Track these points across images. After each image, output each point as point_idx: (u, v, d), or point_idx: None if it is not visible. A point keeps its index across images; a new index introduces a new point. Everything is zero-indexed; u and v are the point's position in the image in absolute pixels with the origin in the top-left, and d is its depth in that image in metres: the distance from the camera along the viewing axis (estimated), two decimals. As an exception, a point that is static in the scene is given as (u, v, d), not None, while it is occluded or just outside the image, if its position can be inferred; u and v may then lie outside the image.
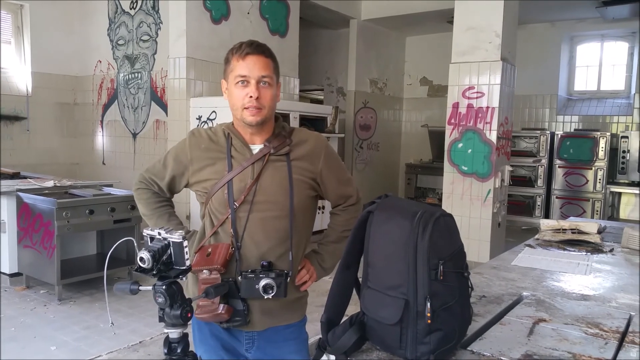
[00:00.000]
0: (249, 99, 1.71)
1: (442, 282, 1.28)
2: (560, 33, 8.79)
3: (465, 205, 5.79)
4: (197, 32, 6.02)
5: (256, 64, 1.72)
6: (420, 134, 10.18)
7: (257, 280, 1.64)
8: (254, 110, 1.72)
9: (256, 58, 1.72)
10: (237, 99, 1.74)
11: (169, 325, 1.41)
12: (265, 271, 1.66)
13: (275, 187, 1.75)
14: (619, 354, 1.43)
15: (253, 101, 1.71)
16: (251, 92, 1.71)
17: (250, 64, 1.71)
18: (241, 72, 1.72)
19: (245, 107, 1.72)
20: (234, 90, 1.74)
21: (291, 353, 1.84)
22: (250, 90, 1.71)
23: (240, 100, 1.73)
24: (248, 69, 1.71)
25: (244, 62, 1.72)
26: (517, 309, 1.79)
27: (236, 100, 1.74)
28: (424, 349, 1.28)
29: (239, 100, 1.73)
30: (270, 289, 1.63)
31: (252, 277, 1.65)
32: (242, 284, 1.67)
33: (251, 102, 1.71)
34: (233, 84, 1.74)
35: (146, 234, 1.40)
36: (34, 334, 3.95)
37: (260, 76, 1.72)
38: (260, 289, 1.63)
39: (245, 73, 1.71)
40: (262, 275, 1.65)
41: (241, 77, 1.72)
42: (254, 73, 1.71)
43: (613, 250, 2.81)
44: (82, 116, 7.84)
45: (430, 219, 1.30)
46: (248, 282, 1.66)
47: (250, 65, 1.71)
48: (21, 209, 4.84)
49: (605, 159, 7.72)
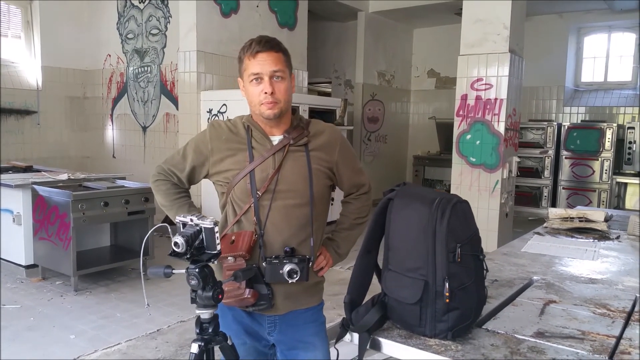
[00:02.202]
0: (264, 95, 1.78)
1: (460, 264, 1.36)
2: (568, 25, 8.80)
3: (474, 196, 5.85)
4: (207, 26, 6.09)
5: (267, 60, 1.78)
6: (427, 126, 10.22)
7: (281, 266, 1.72)
8: (270, 105, 1.79)
9: (267, 55, 1.78)
10: (253, 96, 1.82)
11: (201, 307, 1.49)
12: (288, 257, 1.73)
13: (295, 176, 1.83)
14: (625, 331, 1.51)
15: (268, 97, 1.78)
16: (265, 89, 1.78)
17: (262, 61, 1.78)
18: (254, 70, 1.79)
19: (261, 103, 1.80)
20: (250, 88, 1.82)
21: (311, 335, 1.91)
22: (265, 86, 1.78)
23: (257, 97, 1.81)
24: (260, 67, 1.78)
25: (255, 60, 1.79)
26: (528, 291, 1.86)
27: (253, 98, 1.82)
28: (442, 327, 1.36)
29: (255, 97, 1.81)
30: (294, 274, 1.71)
31: (276, 262, 1.73)
32: (266, 269, 1.75)
33: (267, 97, 1.78)
34: (248, 82, 1.82)
35: (179, 220, 1.48)
36: (52, 323, 4.05)
37: (272, 71, 1.79)
38: (285, 274, 1.71)
39: (258, 70, 1.79)
40: (286, 261, 1.72)
41: (254, 75, 1.80)
42: (265, 69, 1.78)
43: (619, 237, 2.88)
44: (92, 110, 7.92)
45: (447, 205, 1.38)
46: (272, 268, 1.73)
47: (261, 63, 1.78)
48: (36, 201, 4.93)
49: (611, 150, 7.75)
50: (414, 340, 1.39)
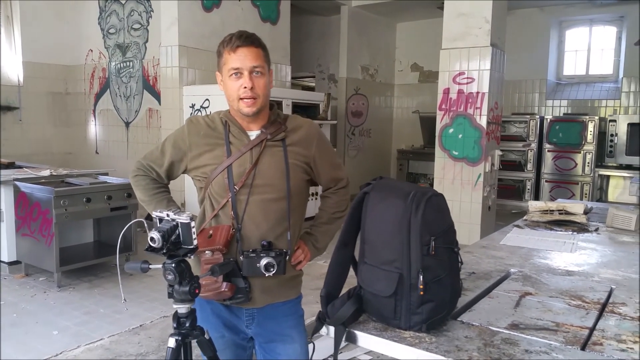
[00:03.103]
0: (244, 90, 1.79)
1: (434, 257, 1.37)
2: (550, 18, 8.86)
3: (456, 190, 5.90)
4: (188, 21, 6.04)
5: (247, 56, 1.78)
6: (411, 120, 10.25)
7: (258, 259, 1.73)
8: (250, 102, 1.80)
9: (247, 50, 1.79)
10: (232, 91, 1.82)
11: (178, 301, 1.50)
12: (265, 250, 1.75)
13: (272, 171, 1.84)
14: (598, 322, 1.53)
15: (248, 91, 1.79)
16: (245, 83, 1.79)
17: (242, 56, 1.79)
18: (234, 64, 1.80)
19: (240, 97, 1.81)
20: (229, 82, 1.83)
21: (289, 328, 1.93)
22: (244, 81, 1.79)
23: (236, 91, 1.81)
24: (240, 61, 1.79)
25: (236, 54, 1.79)
26: (505, 284, 1.89)
27: (232, 92, 1.83)
28: (417, 319, 1.38)
29: (234, 92, 1.82)
30: (271, 267, 1.72)
31: (253, 256, 1.74)
32: (243, 263, 1.76)
33: (246, 92, 1.79)
34: (227, 76, 1.83)
35: (155, 215, 1.48)
36: (35, 319, 4.02)
37: (252, 67, 1.80)
38: (262, 267, 1.72)
39: (238, 65, 1.79)
40: (263, 255, 1.74)
41: (234, 70, 1.80)
42: (245, 64, 1.79)
43: (598, 229, 2.92)
44: (75, 106, 7.85)
45: (422, 199, 1.39)
46: (250, 261, 1.75)
47: (241, 57, 1.79)
48: (18, 198, 4.89)
49: (593, 143, 7.84)
50: (389, 333, 1.41)
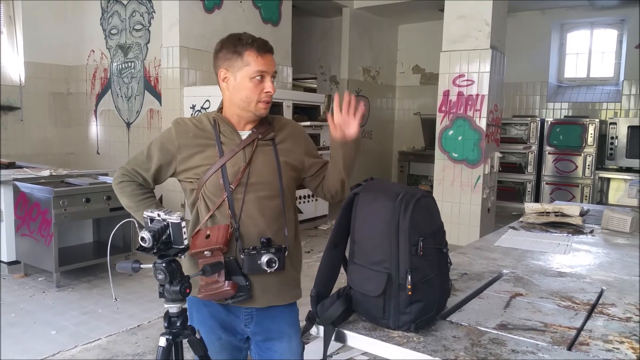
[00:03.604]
0: (266, 94, 1.85)
1: (422, 258, 1.38)
2: (551, 21, 8.87)
3: (456, 192, 5.91)
4: (190, 21, 6.07)
5: (271, 61, 1.86)
6: (412, 122, 10.26)
7: (259, 256, 1.76)
8: (268, 104, 1.88)
9: (270, 56, 1.86)
10: (251, 92, 1.85)
11: (169, 301, 1.51)
12: (265, 247, 1.77)
13: (265, 169, 1.87)
14: (587, 323, 1.54)
15: (269, 95, 1.86)
16: (269, 88, 1.85)
17: (268, 61, 1.84)
18: (261, 67, 1.83)
19: (260, 100, 1.85)
20: (249, 84, 1.84)
21: (287, 326, 1.95)
22: (268, 85, 1.85)
23: (257, 94, 1.85)
24: (266, 66, 1.84)
25: (263, 59, 1.83)
26: (496, 284, 1.90)
27: (251, 94, 1.85)
28: (405, 319, 1.39)
29: (254, 94, 1.85)
30: (273, 263, 1.75)
31: (254, 253, 1.76)
32: (245, 260, 1.77)
33: (267, 96, 1.86)
34: (248, 77, 1.84)
35: (146, 215, 1.49)
36: (33, 319, 4.04)
37: (274, 72, 1.88)
38: (264, 264, 1.75)
39: (265, 69, 1.84)
40: (264, 251, 1.76)
41: (260, 72, 1.84)
42: (270, 69, 1.85)
43: (593, 231, 2.93)
44: (76, 106, 7.88)
45: (411, 200, 1.40)
46: (251, 259, 1.76)
47: (267, 62, 1.85)
48: (18, 198, 4.91)
49: (594, 145, 7.84)
50: (378, 332, 1.42)
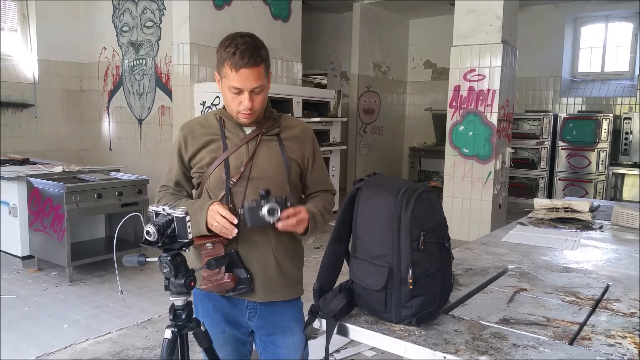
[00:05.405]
0: (243, 107, 1.81)
1: (424, 252, 1.39)
2: (564, 14, 8.78)
3: (467, 188, 5.89)
4: (200, 18, 6.10)
5: (249, 77, 1.75)
6: (424, 118, 10.22)
7: (260, 207, 1.71)
8: (248, 116, 1.83)
9: (249, 71, 1.74)
10: (232, 103, 1.83)
11: (174, 294, 1.54)
12: (265, 198, 1.72)
13: (269, 164, 1.87)
14: (590, 318, 1.54)
15: (247, 109, 1.81)
16: (245, 103, 1.79)
17: (244, 78, 1.75)
18: (234, 84, 1.78)
19: (239, 112, 1.83)
20: (228, 94, 1.82)
21: (290, 320, 1.97)
22: (245, 101, 1.79)
23: (235, 106, 1.83)
24: (241, 83, 1.77)
25: (238, 74, 1.75)
26: (501, 279, 1.89)
27: (231, 103, 1.84)
28: (406, 313, 1.39)
29: (234, 105, 1.83)
30: (275, 212, 1.70)
31: (254, 206, 1.71)
32: (246, 215, 1.72)
33: (245, 109, 1.81)
34: (227, 87, 1.81)
35: (151, 209, 1.51)
36: (46, 312, 4.10)
37: (253, 87, 1.79)
38: (265, 214, 1.70)
39: (239, 86, 1.78)
40: (264, 202, 1.71)
41: (235, 89, 1.79)
42: (247, 86, 1.77)
43: (602, 227, 2.90)
44: (89, 103, 7.95)
45: (413, 195, 1.41)
46: (252, 211, 1.72)
47: (243, 79, 1.75)
48: (32, 193, 4.97)
49: (608, 141, 7.76)
50: (379, 326, 1.42)
